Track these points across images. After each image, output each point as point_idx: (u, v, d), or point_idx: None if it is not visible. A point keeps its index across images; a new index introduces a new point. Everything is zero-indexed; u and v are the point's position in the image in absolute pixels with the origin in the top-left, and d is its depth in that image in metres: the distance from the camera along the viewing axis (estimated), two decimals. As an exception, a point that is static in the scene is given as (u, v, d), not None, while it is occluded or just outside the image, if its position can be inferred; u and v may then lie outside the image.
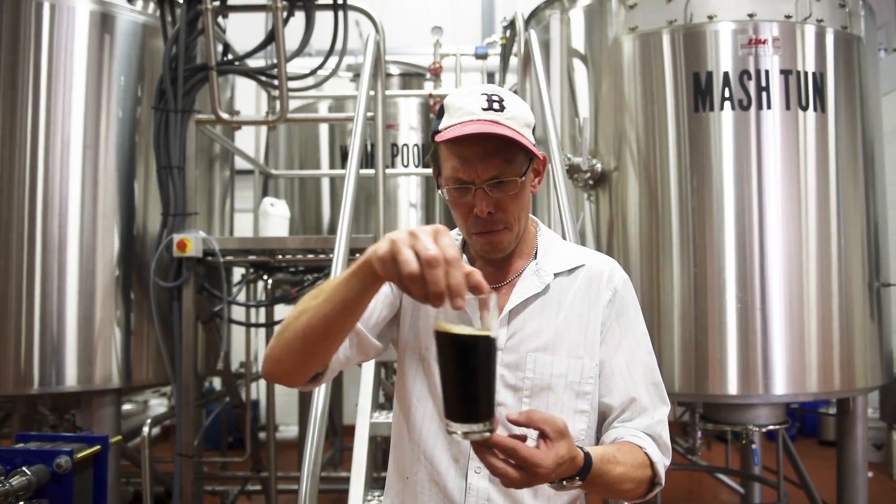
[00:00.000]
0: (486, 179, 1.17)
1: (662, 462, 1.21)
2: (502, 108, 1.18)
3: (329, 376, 1.24)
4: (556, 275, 1.28)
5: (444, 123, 1.21)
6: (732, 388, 2.84)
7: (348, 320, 1.08)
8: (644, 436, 1.22)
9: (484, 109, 1.18)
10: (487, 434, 0.94)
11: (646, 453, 1.19)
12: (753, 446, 3.20)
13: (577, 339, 1.25)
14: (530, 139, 1.21)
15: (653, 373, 1.28)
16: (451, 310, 0.88)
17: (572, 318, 1.26)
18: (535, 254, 1.31)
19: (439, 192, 1.26)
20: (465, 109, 1.18)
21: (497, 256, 1.27)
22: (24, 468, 1.67)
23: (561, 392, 1.23)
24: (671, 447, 1.26)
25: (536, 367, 1.23)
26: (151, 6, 3.58)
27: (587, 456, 1.05)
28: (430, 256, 0.86)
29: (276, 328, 1.15)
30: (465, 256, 1.32)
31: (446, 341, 0.92)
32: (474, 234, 1.23)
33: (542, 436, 0.99)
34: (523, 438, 0.99)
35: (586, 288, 1.29)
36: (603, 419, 1.28)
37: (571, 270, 1.30)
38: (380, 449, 4.13)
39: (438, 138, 1.19)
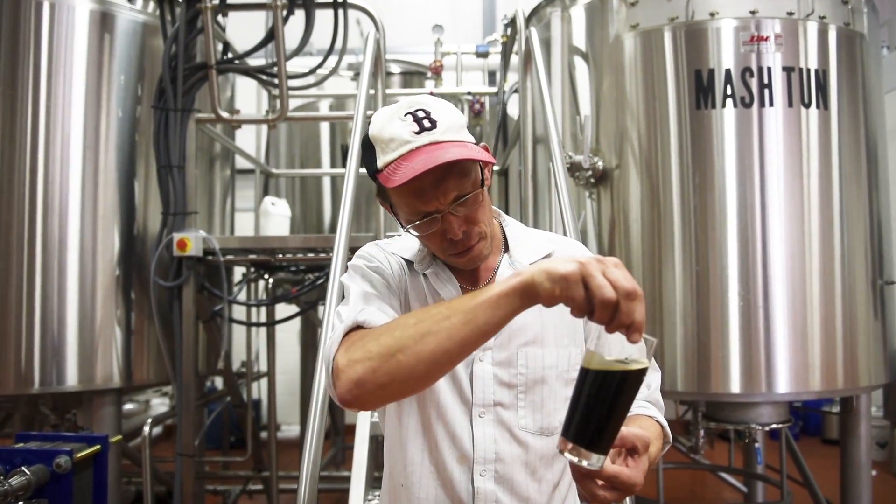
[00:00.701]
0: (450, 202, 1.14)
1: (666, 423, 1.27)
2: (434, 124, 1.13)
3: None
4: (530, 265, 1.26)
5: (380, 160, 1.15)
6: (735, 386, 2.82)
7: (481, 343, 1.01)
8: (649, 405, 1.27)
9: (416, 133, 1.12)
10: (597, 466, 0.95)
11: (658, 422, 1.24)
12: (757, 445, 3.18)
13: (561, 328, 1.25)
14: (468, 139, 1.17)
15: None
16: (614, 342, 0.90)
17: (554, 308, 1.25)
18: (506, 246, 1.31)
19: (402, 229, 1.23)
20: (398, 139, 1.13)
21: (478, 265, 1.26)
22: (23, 468, 1.67)
23: (553, 382, 1.23)
24: (670, 452, 1.32)
25: (528, 361, 1.22)
26: (151, 5, 3.57)
27: None
28: (629, 288, 0.87)
29: (367, 350, 1.03)
30: (438, 261, 1.29)
31: (609, 372, 0.92)
32: (452, 256, 1.22)
33: (632, 451, 1.02)
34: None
35: None
36: None
37: (544, 259, 1.28)
38: (381, 448, 4.12)
39: (388, 185, 1.13)
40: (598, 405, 0.92)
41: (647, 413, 1.25)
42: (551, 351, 1.23)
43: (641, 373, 0.92)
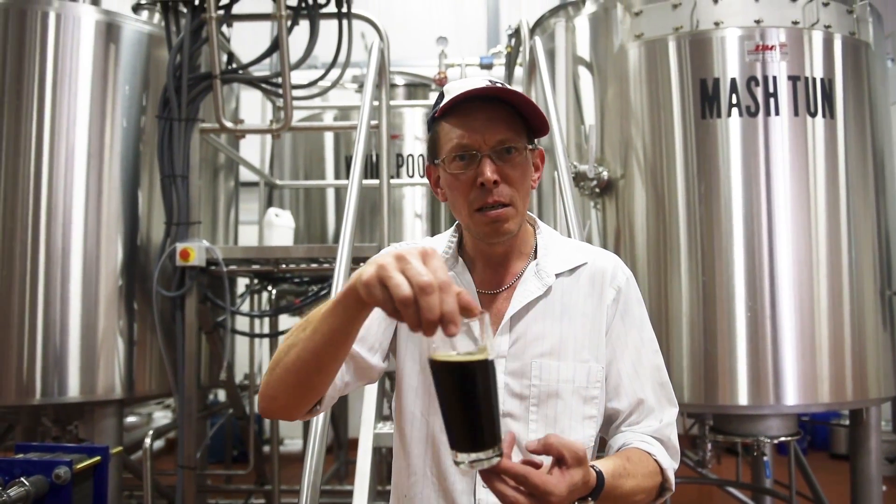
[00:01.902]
0: (493, 145, 1.14)
1: (672, 467, 1.18)
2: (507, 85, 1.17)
3: (328, 404, 1.18)
4: (557, 275, 1.23)
5: (445, 99, 1.18)
6: (743, 398, 2.79)
7: (339, 351, 1.02)
8: (653, 441, 1.19)
9: (490, 82, 1.16)
10: (496, 460, 0.90)
11: (656, 460, 1.15)
12: (765, 458, 3.14)
13: (583, 342, 1.21)
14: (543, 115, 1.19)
15: (660, 372, 1.25)
16: (440, 337, 0.83)
17: (576, 320, 1.22)
18: (535, 253, 1.27)
19: (435, 165, 1.22)
20: (467, 85, 1.16)
21: (499, 240, 1.20)
22: (22, 479, 1.65)
23: (568, 398, 1.18)
24: (678, 467, 1.22)
25: (542, 373, 1.18)
26: (157, 16, 3.59)
27: (599, 475, 1.02)
28: (424, 282, 0.80)
29: (269, 364, 1.10)
30: (461, 259, 1.27)
31: (442, 370, 0.88)
32: (477, 213, 1.16)
33: (559, 462, 0.96)
34: (539, 465, 0.96)
35: (589, 287, 1.24)
36: (609, 423, 1.24)
37: (573, 270, 1.25)
38: (384, 461, 4.08)
39: (441, 108, 1.16)
40: (454, 405, 0.89)
41: (647, 449, 1.16)
42: (568, 364, 1.19)
43: (477, 363, 0.86)
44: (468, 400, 0.87)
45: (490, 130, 1.13)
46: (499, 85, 1.15)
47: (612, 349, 1.22)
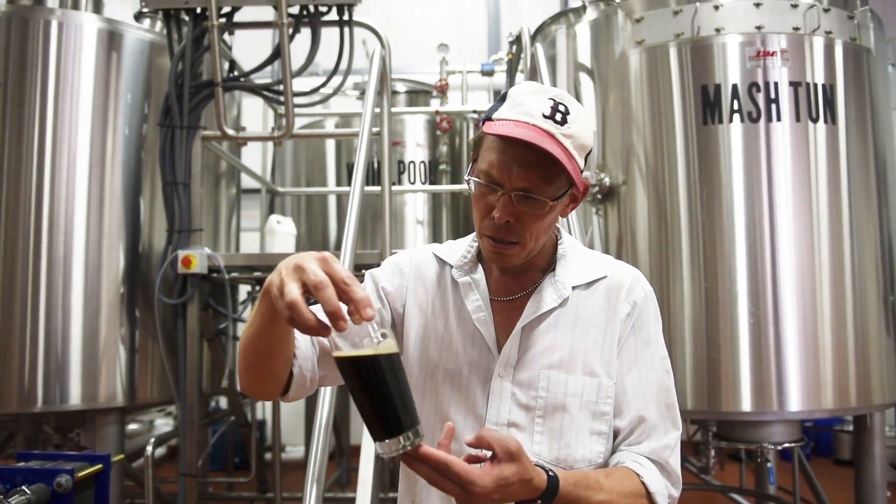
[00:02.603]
0: (516, 188, 1.10)
1: (664, 492, 1.13)
2: (564, 122, 1.10)
3: (297, 392, 1.19)
4: (574, 287, 1.22)
5: (499, 114, 1.14)
6: (746, 404, 2.78)
7: (273, 341, 1.05)
8: (647, 462, 1.15)
9: (545, 116, 1.10)
10: (407, 447, 0.92)
11: (642, 481, 1.11)
12: (769, 465, 3.13)
13: (594, 356, 1.18)
14: (580, 163, 1.13)
15: (667, 393, 1.21)
16: (344, 336, 0.91)
17: (588, 333, 1.20)
18: (554, 265, 1.25)
19: (467, 179, 1.19)
20: (526, 108, 1.11)
21: (502, 266, 1.22)
22: (23, 487, 1.65)
23: (576, 412, 1.16)
24: (681, 473, 1.18)
25: (550, 385, 1.17)
26: (158, 24, 3.59)
27: (552, 479, 1.01)
28: (314, 282, 0.87)
29: None
30: (480, 267, 1.27)
31: (341, 366, 0.94)
32: (485, 237, 1.17)
33: (493, 456, 0.96)
34: (483, 459, 0.97)
35: (605, 300, 1.22)
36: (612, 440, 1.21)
37: (591, 283, 1.23)
38: (386, 468, 4.07)
39: (486, 128, 1.13)
40: (357, 398, 0.94)
41: (636, 469, 1.12)
42: (577, 378, 1.17)
43: (366, 357, 0.91)
44: (366, 392, 0.92)
45: (521, 172, 1.09)
46: (549, 128, 1.09)
47: (620, 365, 1.20)
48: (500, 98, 1.19)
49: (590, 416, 1.17)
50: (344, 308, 0.87)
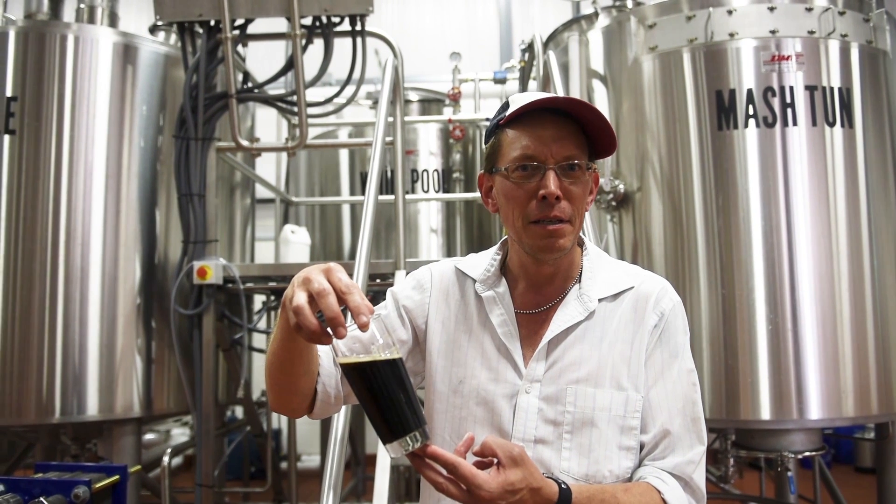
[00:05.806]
0: (560, 160, 1.12)
1: None
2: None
3: (322, 410, 1.22)
4: (600, 300, 1.19)
5: (512, 107, 1.16)
6: (765, 412, 2.74)
7: (296, 355, 1.08)
8: (669, 478, 1.11)
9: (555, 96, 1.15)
10: (414, 446, 0.94)
11: (663, 498, 1.08)
12: (789, 473, 3.09)
13: (621, 369, 1.15)
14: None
15: (693, 407, 1.17)
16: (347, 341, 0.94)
17: (616, 346, 1.17)
18: (580, 276, 1.22)
19: (495, 172, 1.19)
20: (533, 94, 1.16)
21: (552, 256, 1.16)
22: (41, 498, 1.66)
23: (604, 427, 1.13)
24: (705, 497, 1.15)
25: (577, 399, 1.14)
26: (173, 37, 3.63)
27: (565, 491, 1.00)
28: (317, 290, 0.91)
29: None
30: (504, 280, 1.25)
31: (345, 371, 0.98)
32: (532, 225, 1.13)
33: (498, 463, 0.97)
34: (491, 465, 0.98)
35: (632, 312, 1.19)
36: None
37: (617, 294, 1.20)
38: (402, 478, 4.06)
39: (510, 115, 1.14)
40: (363, 402, 0.97)
41: (657, 485, 1.09)
42: (605, 392, 1.14)
43: (366, 363, 0.95)
44: (371, 396, 0.96)
45: (558, 144, 1.12)
46: (565, 97, 1.14)
47: (646, 377, 1.17)
48: (501, 107, 1.20)
49: (618, 430, 1.14)
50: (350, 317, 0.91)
